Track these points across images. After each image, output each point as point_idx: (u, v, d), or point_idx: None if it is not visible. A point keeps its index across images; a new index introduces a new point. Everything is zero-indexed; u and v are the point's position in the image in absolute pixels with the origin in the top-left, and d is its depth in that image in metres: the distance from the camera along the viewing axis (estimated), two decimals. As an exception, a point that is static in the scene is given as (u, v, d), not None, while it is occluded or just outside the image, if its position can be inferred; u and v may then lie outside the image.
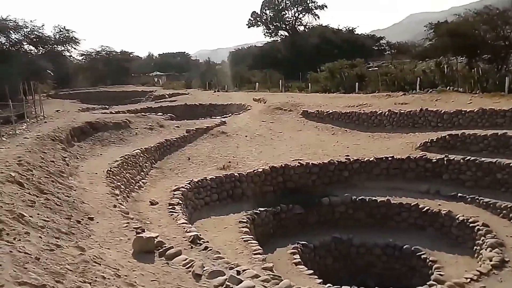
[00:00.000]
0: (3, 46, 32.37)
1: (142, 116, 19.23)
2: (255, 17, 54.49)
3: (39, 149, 9.02)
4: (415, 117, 18.08)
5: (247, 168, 14.86)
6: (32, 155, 7.95)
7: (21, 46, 33.58)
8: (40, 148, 9.42)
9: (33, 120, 16.00)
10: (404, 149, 15.94)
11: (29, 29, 32.97)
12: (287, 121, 21.88)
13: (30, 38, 33.62)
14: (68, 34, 36.57)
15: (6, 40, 32.54)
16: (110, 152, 14.51)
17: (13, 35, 32.58)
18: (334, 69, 31.77)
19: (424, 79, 22.96)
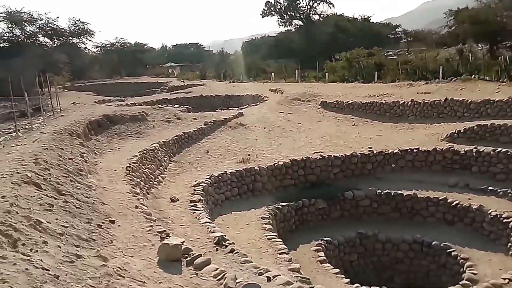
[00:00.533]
0: (18, 38, 32.25)
1: (159, 108, 18.80)
2: (269, 6, 53.41)
3: (56, 146, 8.63)
4: (440, 107, 17.23)
5: (267, 161, 14.35)
6: (49, 152, 7.55)
7: (36, 38, 33.45)
8: (57, 144, 9.03)
9: (49, 113, 15.71)
10: (429, 141, 15.19)
11: (43, 22, 32.83)
12: (306, 112, 21.22)
13: (45, 31, 33.50)
14: (83, 26, 36.32)
15: (21, 33, 32.42)
16: (127, 145, 14.14)
17: (28, 27, 32.42)
18: (352, 58, 30.83)
19: (446, 68, 21.94)
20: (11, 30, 32.09)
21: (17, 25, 31.70)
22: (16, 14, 31.25)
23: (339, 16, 55.75)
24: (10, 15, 31.05)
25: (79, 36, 36.41)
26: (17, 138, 9.56)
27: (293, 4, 52.57)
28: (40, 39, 34.12)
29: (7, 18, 31.11)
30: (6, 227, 4.09)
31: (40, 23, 32.65)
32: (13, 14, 31.21)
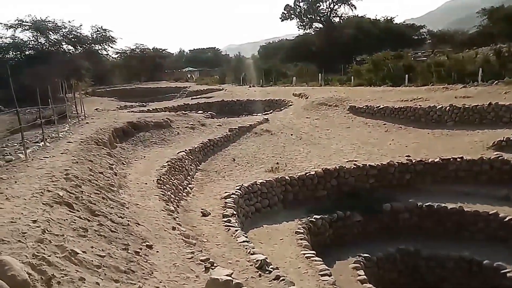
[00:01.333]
0: (42, 46, 32.68)
1: (183, 114, 18.39)
2: (289, 10, 52.85)
3: (86, 157, 8.21)
4: (483, 112, 16.26)
5: (298, 170, 13.72)
6: (79, 166, 7.11)
7: (60, 46, 33.83)
8: (85, 155, 8.62)
9: (74, 121, 15.44)
10: (473, 149, 14.27)
11: (67, 30, 33.17)
12: (334, 118, 20.49)
13: (69, 38, 33.84)
14: (105, 33, 36.59)
15: (46, 41, 32.84)
16: (153, 153, 13.72)
17: (52, 35, 32.85)
18: (378, 61, 29.89)
19: (485, 70, 20.84)
20: (36, 38, 32.55)
21: (42, 33, 32.17)
22: (41, 23, 31.73)
23: (360, 18, 54.77)
24: (35, 24, 31.54)
25: (101, 43, 36.64)
26: (45, 148, 9.18)
27: (314, 7, 51.87)
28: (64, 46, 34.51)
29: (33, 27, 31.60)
30: (39, 260, 3.58)
31: (64, 31, 33.09)
32: (38, 23, 31.70)
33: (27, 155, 7.60)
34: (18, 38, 31.48)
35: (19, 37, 31.68)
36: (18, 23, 30.85)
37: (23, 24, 31.10)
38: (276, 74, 41.17)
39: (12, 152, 10.29)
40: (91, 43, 36.20)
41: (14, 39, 30.96)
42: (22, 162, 7.29)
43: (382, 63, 28.99)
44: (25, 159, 7.45)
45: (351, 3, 51.12)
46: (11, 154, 9.67)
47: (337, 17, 53.19)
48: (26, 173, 6.38)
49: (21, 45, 31.55)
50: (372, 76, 29.03)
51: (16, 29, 31.01)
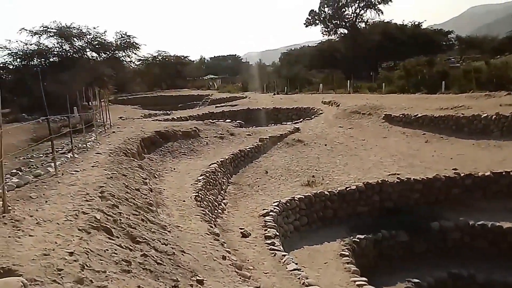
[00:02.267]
0: (67, 53, 32.73)
1: (211, 123, 17.84)
2: (313, 15, 52.11)
3: (119, 171, 7.63)
4: (535, 121, 15.12)
5: (336, 185, 12.91)
6: (114, 182, 6.53)
7: (84, 52, 33.84)
8: (118, 169, 8.06)
9: (100, 129, 15.03)
10: (527, 162, 13.16)
11: (92, 36, 33.13)
12: (368, 127, 19.56)
13: (93, 45, 33.80)
14: (129, 39, 36.49)
15: (70, 47, 32.88)
16: (183, 165, 13.16)
17: (76, 42, 32.87)
18: (410, 67, 28.83)
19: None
20: (60, 45, 32.64)
21: (67, 40, 32.20)
22: (66, 30, 31.79)
23: (386, 23, 53.58)
24: (60, 31, 31.63)
25: (125, 50, 36.56)
26: (74, 160, 8.67)
27: (339, 12, 51.01)
28: (88, 53, 34.49)
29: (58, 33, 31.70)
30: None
31: (88, 38, 33.00)
32: (63, 30, 31.78)
33: (57, 169, 7.05)
34: (43, 44, 31.54)
35: (44, 43, 31.73)
36: (44, 30, 30.91)
37: (48, 30, 31.16)
38: (301, 81, 40.42)
39: (38, 164, 9.85)
40: (114, 50, 36.10)
41: (39, 45, 31.01)
42: (52, 177, 6.75)
43: (414, 70, 27.90)
44: (55, 174, 6.90)
45: (378, 8, 50.05)
46: (37, 166, 9.22)
47: (363, 22, 52.17)
48: (58, 191, 5.81)
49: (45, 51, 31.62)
50: (404, 83, 27.97)
51: (41, 35, 31.06)
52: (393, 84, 28.67)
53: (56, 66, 30.38)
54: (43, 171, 7.06)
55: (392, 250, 11.57)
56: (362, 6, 50.35)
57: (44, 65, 31.66)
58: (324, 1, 50.87)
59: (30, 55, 30.68)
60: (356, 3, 50.08)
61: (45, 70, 30.06)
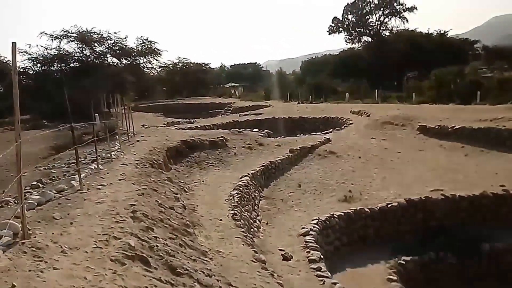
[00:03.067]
0: (87, 58, 32.52)
1: (238, 133, 17.08)
2: (337, 23, 51.24)
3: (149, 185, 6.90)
4: None
5: (376, 201, 11.94)
6: (146, 200, 5.78)
7: (105, 58, 33.62)
8: (147, 182, 7.32)
9: (123, 138, 14.41)
10: None
11: (113, 41, 32.88)
12: (403, 139, 18.48)
13: (114, 50, 33.55)
14: (150, 45, 36.20)
15: (91, 53, 32.68)
16: (211, 177, 12.40)
17: (97, 47, 32.61)
18: (442, 76, 27.59)
19: None
20: (81, 50, 32.42)
21: (87, 45, 31.96)
22: (86, 34, 31.54)
23: (411, 31, 52.27)
24: (81, 35, 31.39)
25: (146, 56, 36.24)
26: (99, 172, 7.98)
27: (363, 20, 50.01)
28: (109, 59, 34.24)
29: (78, 38, 31.45)
30: None
31: (110, 43, 32.76)
32: (84, 34, 31.54)
33: (82, 183, 6.34)
34: (63, 49, 31.26)
35: (65, 48, 31.45)
36: (64, 34, 30.64)
37: (69, 35, 30.89)
38: (325, 90, 39.47)
39: (60, 175, 9.22)
40: (135, 56, 35.81)
41: (59, 50, 30.74)
42: (76, 192, 6.04)
43: (446, 79, 26.67)
44: (80, 189, 6.19)
45: (403, 16, 48.81)
46: (59, 178, 8.58)
47: (387, 30, 50.94)
48: (84, 210, 5.08)
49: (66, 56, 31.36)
50: (435, 93, 26.74)
51: (61, 40, 30.81)
52: (423, 94, 27.46)
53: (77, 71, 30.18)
54: (66, 185, 6.36)
55: (441, 274, 10.51)
56: (387, 13, 49.24)
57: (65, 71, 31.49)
58: (348, 8, 50.00)
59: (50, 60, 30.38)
60: (381, 10, 49.02)
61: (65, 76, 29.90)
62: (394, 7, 48.38)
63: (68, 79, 28.31)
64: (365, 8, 49.32)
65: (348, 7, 50.21)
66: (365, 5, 48.96)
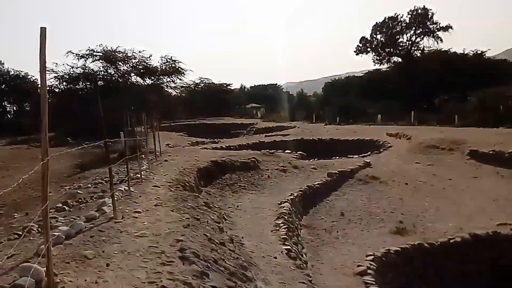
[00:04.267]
0: (112, 77, 32.58)
1: (270, 154, 16.15)
2: (365, 42, 50.47)
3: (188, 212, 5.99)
4: None
5: (434, 234, 10.73)
6: (192, 232, 4.86)
7: (129, 77, 33.58)
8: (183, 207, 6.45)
9: (150, 157, 13.65)
10: None
11: (137, 60, 32.87)
12: (451, 164, 17.16)
13: (138, 69, 33.52)
14: (174, 65, 36.04)
15: (115, 71, 32.73)
16: (245, 202, 11.45)
17: (122, 66, 32.67)
18: (486, 98, 26.26)
19: None
20: (105, 69, 32.58)
21: (112, 64, 32.08)
22: (111, 53, 31.70)
23: (445, 52, 50.97)
24: (105, 54, 31.58)
25: (171, 75, 36.08)
26: (130, 195, 7.13)
27: (392, 40, 49.08)
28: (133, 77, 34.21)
29: (103, 57, 31.65)
30: None
31: (134, 62, 32.75)
32: (109, 53, 31.71)
33: (115, 209, 5.45)
34: (88, 68, 31.53)
35: (90, 67, 31.72)
36: (90, 53, 30.96)
37: (94, 54, 31.17)
38: (354, 111, 38.43)
39: (86, 196, 8.43)
40: (159, 75, 35.74)
41: (84, 69, 31.02)
42: (110, 221, 5.16)
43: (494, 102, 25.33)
44: (113, 217, 5.31)
45: (437, 35, 47.62)
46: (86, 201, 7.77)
47: (419, 50, 49.76)
48: (121, 246, 4.18)
49: (91, 75, 31.60)
50: (479, 116, 25.35)
51: (87, 59, 31.11)
52: (465, 117, 26.10)
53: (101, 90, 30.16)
54: (97, 210, 5.50)
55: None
56: (419, 33, 48.20)
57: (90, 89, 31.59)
58: (377, 28, 49.21)
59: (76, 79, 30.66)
60: (412, 30, 48.03)
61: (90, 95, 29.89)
62: (427, 26, 47.31)
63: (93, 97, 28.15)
64: (396, 27, 48.43)
65: (377, 26, 49.43)
66: (395, 24, 48.11)
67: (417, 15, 46.45)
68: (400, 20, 47.78)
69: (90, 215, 5.31)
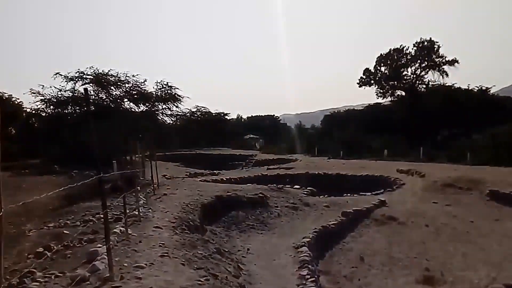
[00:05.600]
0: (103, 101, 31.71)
1: (278, 189, 15.43)
2: (368, 74, 50.89)
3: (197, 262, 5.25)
4: None
5: (466, 285, 9.91)
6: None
7: (121, 102, 32.77)
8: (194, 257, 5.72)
9: (148, 190, 12.86)
10: None
11: (130, 85, 32.13)
12: (471, 205, 16.52)
13: (131, 94, 32.76)
14: (170, 91, 35.45)
15: (107, 96, 31.89)
16: (255, 243, 10.64)
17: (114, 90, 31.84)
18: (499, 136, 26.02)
19: None
20: (96, 93, 31.69)
21: (103, 88, 31.24)
22: (103, 77, 30.88)
23: (448, 87, 51.49)
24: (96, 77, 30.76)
25: (166, 102, 35.39)
26: (129, 241, 6.36)
27: (397, 72, 49.52)
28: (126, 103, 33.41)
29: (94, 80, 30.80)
30: None
31: (127, 86, 32.02)
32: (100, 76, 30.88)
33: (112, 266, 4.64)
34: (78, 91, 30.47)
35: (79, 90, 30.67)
36: (79, 75, 29.98)
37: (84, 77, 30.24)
38: (357, 145, 38.08)
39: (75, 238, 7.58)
40: (154, 101, 34.98)
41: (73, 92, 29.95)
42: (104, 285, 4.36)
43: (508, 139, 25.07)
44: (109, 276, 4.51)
45: (443, 69, 48.09)
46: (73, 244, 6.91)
47: (423, 84, 50.18)
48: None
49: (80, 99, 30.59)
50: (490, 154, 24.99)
51: (76, 81, 30.10)
52: (478, 154, 25.71)
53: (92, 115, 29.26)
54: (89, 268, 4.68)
55: None
56: (424, 66, 48.72)
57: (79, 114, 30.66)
58: (381, 59, 49.77)
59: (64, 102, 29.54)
60: (417, 63, 48.56)
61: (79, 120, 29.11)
62: (433, 60, 47.88)
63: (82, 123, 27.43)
64: (401, 59, 48.97)
65: (381, 58, 50.01)
66: (400, 56, 48.68)
67: (423, 48, 47.12)
68: (405, 52, 48.38)
69: (79, 275, 4.44)
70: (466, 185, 18.06)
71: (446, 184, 18.38)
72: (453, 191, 17.81)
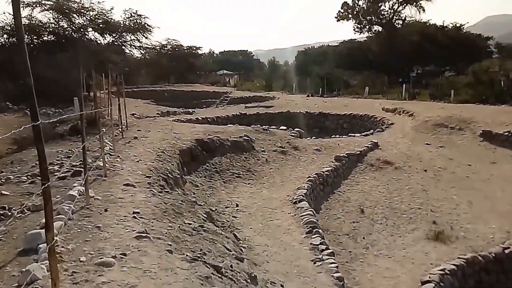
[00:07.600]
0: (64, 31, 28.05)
1: (263, 131, 13.51)
2: (346, 9, 47.77)
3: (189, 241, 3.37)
4: None
5: (480, 241, 8.72)
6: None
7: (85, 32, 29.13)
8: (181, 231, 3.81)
9: (115, 132, 10.56)
10: None
11: (95, 13, 28.40)
12: (465, 147, 15.30)
13: (96, 24, 29.07)
14: (139, 20, 31.71)
15: (69, 25, 28.19)
16: (244, 197, 8.87)
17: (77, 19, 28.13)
18: (481, 72, 24.66)
19: None
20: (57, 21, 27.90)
21: (65, 15, 27.44)
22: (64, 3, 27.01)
23: (424, 23, 49.35)
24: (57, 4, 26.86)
25: (135, 33, 31.76)
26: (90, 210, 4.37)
27: (375, 7, 46.67)
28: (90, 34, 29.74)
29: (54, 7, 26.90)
30: None
31: (91, 15, 28.28)
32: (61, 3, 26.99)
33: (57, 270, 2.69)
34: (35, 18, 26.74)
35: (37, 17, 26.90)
36: (37, 1, 26.10)
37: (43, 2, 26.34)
38: (337, 82, 36.19)
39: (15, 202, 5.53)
40: (122, 32, 31.33)
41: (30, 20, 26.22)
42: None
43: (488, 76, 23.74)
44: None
45: (420, 5, 45.60)
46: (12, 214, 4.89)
47: (400, 20, 47.74)
48: None
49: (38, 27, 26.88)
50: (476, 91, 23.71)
51: (34, 8, 26.26)
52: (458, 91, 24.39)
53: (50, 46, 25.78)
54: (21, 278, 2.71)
55: None
56: (401, 1, 46.00)
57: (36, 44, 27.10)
58: (359, -7, 46.56)
59: (17, 30, 25.93)
60: (396, -3, 45.71)
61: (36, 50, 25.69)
62: (410, -6, 45.12)
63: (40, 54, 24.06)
64: (379, -7, 45.93)
65: (360, -8, 46.76)
66: (379, -11, 45.59)
67: (401, -19, 44.17)
68: (384, -15, 45.32)
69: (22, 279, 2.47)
70: (458, 125, 16.73)
71: (438, 124, 16.97)
72: (445, 132, 16.46)
